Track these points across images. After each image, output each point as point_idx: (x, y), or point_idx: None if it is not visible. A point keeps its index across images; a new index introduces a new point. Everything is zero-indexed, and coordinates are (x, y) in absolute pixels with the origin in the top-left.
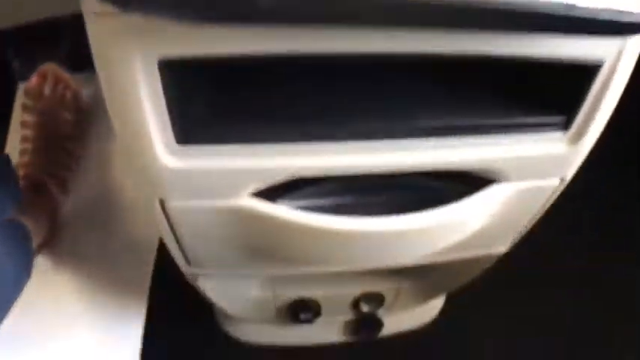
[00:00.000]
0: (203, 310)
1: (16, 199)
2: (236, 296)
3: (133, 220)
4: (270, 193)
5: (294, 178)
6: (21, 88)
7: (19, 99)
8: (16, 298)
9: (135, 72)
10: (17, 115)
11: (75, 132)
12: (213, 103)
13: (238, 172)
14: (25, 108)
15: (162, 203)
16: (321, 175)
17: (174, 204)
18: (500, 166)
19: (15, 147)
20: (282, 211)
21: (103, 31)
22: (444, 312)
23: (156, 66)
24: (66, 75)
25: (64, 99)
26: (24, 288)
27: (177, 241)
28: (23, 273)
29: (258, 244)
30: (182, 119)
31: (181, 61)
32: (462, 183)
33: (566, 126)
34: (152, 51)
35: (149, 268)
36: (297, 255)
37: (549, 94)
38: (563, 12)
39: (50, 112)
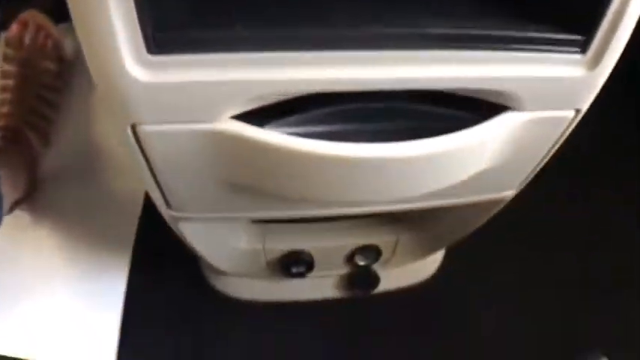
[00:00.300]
0: (190, 265)
1: None
2: (223, 248)
3: (118, 174)
4: (256, 117)
5: (282, 99)
6: (2, 37)
7: (0, 49)
8: None
9: None
10: None
11: (56, 83)
12: (190, 4)
13: (219, 86)
14: (5, 58)
15: (134, 129)
16: (312, 92)
17: (148, 128)
18: (513, 89)
19: None
20: (269, 135)
21: None
22: (443, 268)
23: None
24: (47, 22)
25: (45, 48)
26: None
27: (155, 177)
28: None
29: (242, 180)
30: (154, 23)
31: None
32: (471, 110)
33: (584, 48)
34: None
35: (134, 223)
36: (284, 191)
37: (568, 10)
38: None
39: (31, 61)
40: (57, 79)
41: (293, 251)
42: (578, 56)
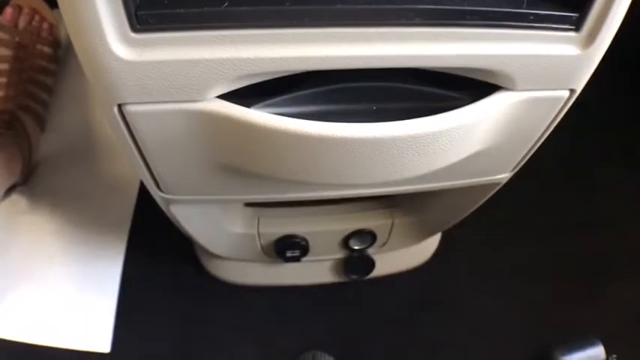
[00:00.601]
0: (186, 249)
1: None
2: (217, 232)
3: (114, 157)
4: (244, 97)
5: (270, 78)
6: None
7: None
8: None
9: None
10: None
11: (51, 67)
12: None
13: (204, 64)
14: (0, 42)
15: (120, 110)
16: (300, 71)
17: (134, 108)
18: (506, 67)
19: None
20: (255, 115)
21: None
22: (438, 253)
23: None
24: (43, 5)
25: (40, 32)
26: None
27: (143, 159)
28: None
29: (230, 161)
30: (137, 0)
31: None
32: (464, 90)
33: (577, 25)
34: None
35: (130, 207)
36: (273, 172)
37: None
38: None
39: (26, 45)
40: (52, 62)
41: (287, 235)
42: (572, 34)
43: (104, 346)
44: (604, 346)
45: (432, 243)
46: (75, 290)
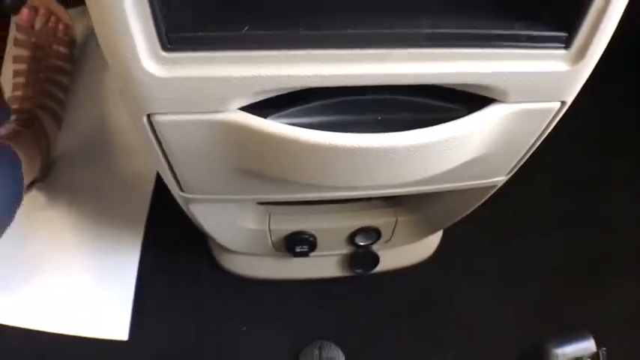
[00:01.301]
0: (200, 244)
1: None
2: (231, 228)
3: (129, 154)
4: (262, 109)
5: (286, 92)
6: (13, 21)
7: (12, 32)
8: (8, 224)
9: None
10: (10, 50)
11: (67, 66)
12: (201, 5)
13: (227, 81)
14: (17, 42)
15: (149, 119)
16: (311, 86)
17: (162, 118)
18: (500, 83)
19: (9, 82)
20: (271, 125)
21: None
22: (440, 249)
23: None
24: (58, 7)
25: (56, 32)
26: (15, 215)
27: (168, 163)
28: (14, 198)
29: (249, 166)
30: (168, 24)
31: None
32: (462, 102)
33: (567, 44)
34: None
35: (146, 203)
36: (287, 176)
37: (552, 9)
38: None
39: (42, 46)
40: (68, 62)
41: (297, 232)
42: (562, 51)
43: (122, 334)
44: (597, 341)
45: (434, 240)
46: (94, 282)
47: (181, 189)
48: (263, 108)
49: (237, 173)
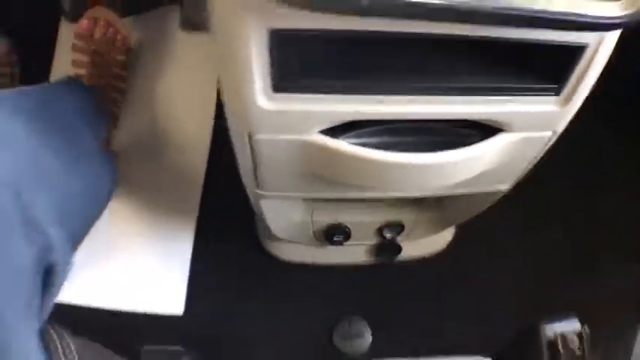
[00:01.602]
0: (247, 232)
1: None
2: (283, 219)
3: (181, 151)
4: (334, 132)
5: (353, 120)
6: (65, 26)
7: (63, 37)
8: (105, 206)
9: (250, 39)
10: (60, 53)
11: (124, 73)
12: (301, 63)
13: (313, 114)
14: (75, 47)
15: (249, 136)
16: (374, 119)
17: (260, 137)
18: (505, 119)
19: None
20: (342, 145)
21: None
22: (454, 241)
23: (266, 35)
24: (116, 18)
25: (114, 42)
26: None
27: (255, 167)
28: (113, 185)
29: (320, 172)
30: (279, 74)
31: (285, 32)
32: (478, 131)
33: (557, 92)
34: (265, 23)
35: (197, 195)
36: (347, 180)
37: (546, 67)
38: (542, 15)
39: (102, 53)
40: (124, 69)
41: (335, 224)
42: (553, 97)
43: (178, 308)
44: (585, 322)
45: (448, 234)
46: (153, 266)
47: (257, 187)
48: (335, 131)
49: (307, 177)
